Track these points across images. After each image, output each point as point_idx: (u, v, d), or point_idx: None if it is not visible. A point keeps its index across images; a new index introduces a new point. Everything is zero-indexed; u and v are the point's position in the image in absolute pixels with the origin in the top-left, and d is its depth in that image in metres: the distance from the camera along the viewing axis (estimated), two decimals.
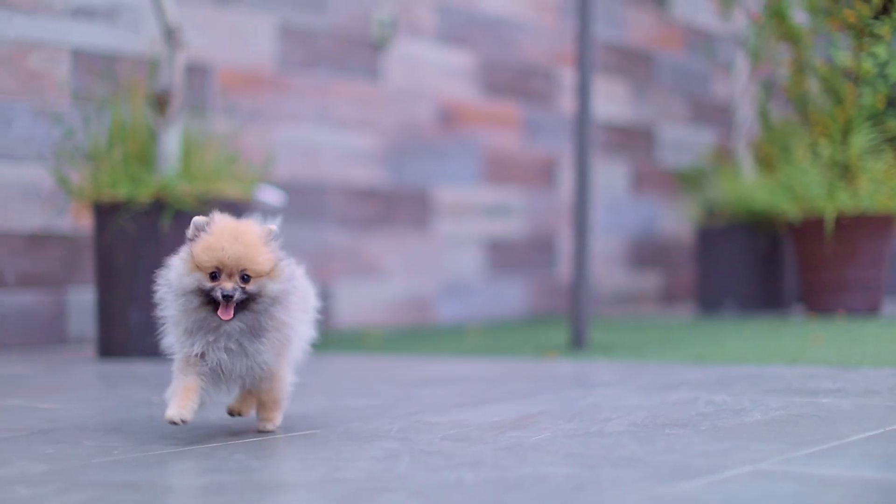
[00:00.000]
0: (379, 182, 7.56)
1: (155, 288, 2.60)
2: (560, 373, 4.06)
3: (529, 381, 3.74)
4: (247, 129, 6.52)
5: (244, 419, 2.85)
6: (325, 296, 7.16)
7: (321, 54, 7.29)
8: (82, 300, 6.04)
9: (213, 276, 2.45)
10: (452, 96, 8.10)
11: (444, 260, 7.99)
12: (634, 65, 9.68)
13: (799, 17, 7.58)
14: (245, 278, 2.46)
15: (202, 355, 2.50)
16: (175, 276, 2.50)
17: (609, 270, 9.31)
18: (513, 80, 8.57)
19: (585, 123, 5.31)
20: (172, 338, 2.57)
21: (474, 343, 5.73)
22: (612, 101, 9.38)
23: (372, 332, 6.78)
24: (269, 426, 2.69)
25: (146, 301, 3.89)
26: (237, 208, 5.26)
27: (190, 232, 2.50)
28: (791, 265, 7.83)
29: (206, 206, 5.00)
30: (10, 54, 5.92)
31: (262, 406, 2.69)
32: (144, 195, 5.10)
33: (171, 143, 5.30)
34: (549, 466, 2.07)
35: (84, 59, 6.16)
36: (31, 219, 5.92)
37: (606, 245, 9.27)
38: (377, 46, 7.61)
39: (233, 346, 2.50)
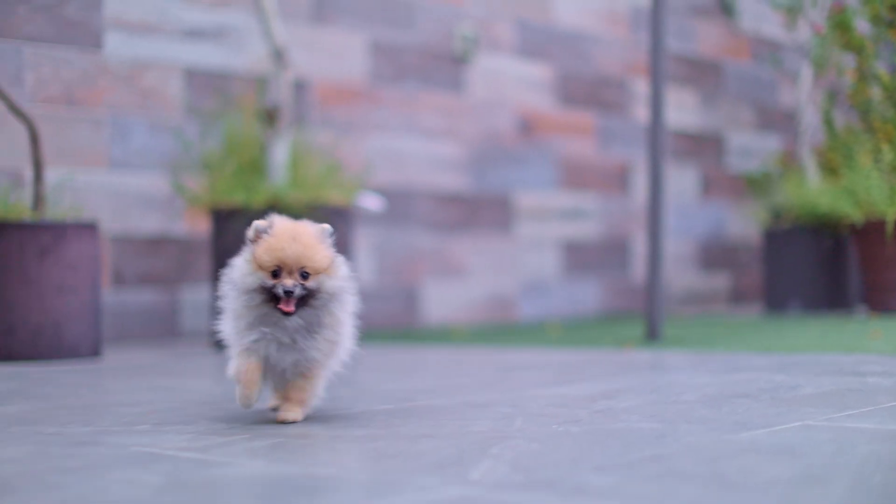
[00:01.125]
0: (463, 188, 8.05)
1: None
2: (638, 360, 4.52)
3: (611, 366, 4.21)
4: (343, 139, 7.04)
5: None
6: (413, 295, 7.67)
7: (409, 69, 7.79)
8: (195, 298, 6.58)
9: (275, 274, 2.58)
10: (531, 107, 8.57)
11: (523, 261, 8.46)
12: (704, 74, 10.09)
13: (862, 27, 7.89)
14: (304, 275, 2.59)
15: (256, 344, 2.64)
16: (239, 276, 2.64)
17: (680, 271, 9.73)
18: (588, 91, 9.02)
19: (658, 131, 5.64)
20: (229, 329, 2.72)
21: (555, 337, 6.20)
22: (682, 110, 9.79)
23: (458, 328, 7.26)
24: (291, 415, 2.73)
25: None
26: (342, 214, 5.79)
27: (251, 234, 2.66)
28: (854, 266, 8.12)
29: (314, 212, 5.52)
30: (128, 73, 6.47)
31: (288, 400, 2.75)
32: (258, 202, 5.62)
33: (281, 154, 5.82)
34: (636, 423, 2.54)
35: (195, 77, 6.70)
36: (149, 223, 6.47)
37: (677, 247, 9.68)
38: (460, 61, 8.10)
39: (286, 340, 2.64)
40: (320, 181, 5.80)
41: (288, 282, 2.56)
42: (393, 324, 7.55)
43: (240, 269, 2.65)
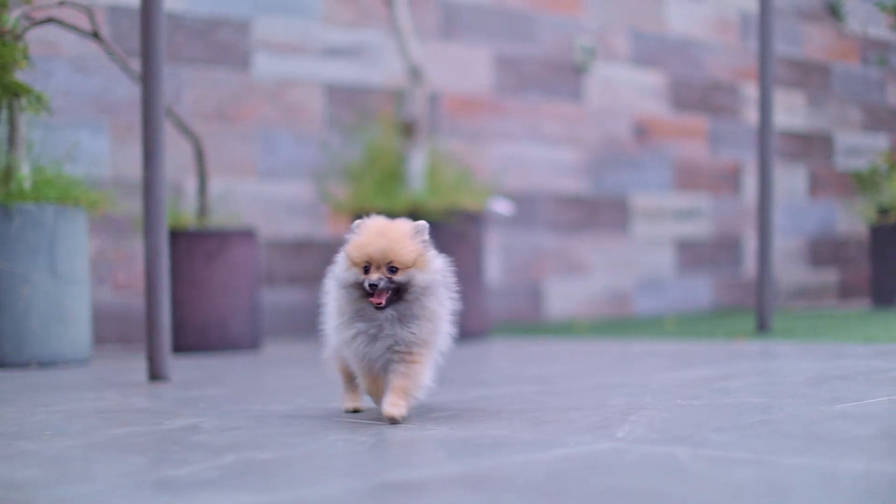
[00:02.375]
0: (583, 191, 8.54)
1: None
2: (748, 349, 4.98)
3: (724, 355, 4.68)
4: (471, 147, 7.58)
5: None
6: (537, 292, 8.18)
7: (531, 80, 8.30)
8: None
9: (367, 269, 2.65)
10: (646, 112, 9.03)
11: (640, 259, 8.93)
12: (812, 77, 10.45)
13: None
14: (392, 269, 2.64)
15: (354, 342, 2.72)
16: (339, 271, 2.73)
17: (790, 268, 10.10)
18: (700, 96, 9.45)
19: (766, 133, 5.94)
20: (331, 325, 2.84)
21: (671, 330, 6.66)
22: (791, 112, 10.16)
23: (579, 323, 7.75)
24: (395, 411, 2.70)
25: None
26: (476, 218, 6.31)
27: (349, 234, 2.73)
28: None
29: (451, 217, 6.05)
30: (274, 90, 7.06)
31: (392, 390, 2.73)
32: (399, 208, 6.16)
33: (418, 163, 6.36)
34: (747, 398, 3.02)
35: (335, 92, 7.28)
36: (296, 228, 7.05)
37: (787, 244, 10.05)
38: (579, 70, 8.59)
39: (372, 331, 2.70)
40: (454, 188, 6.33)
41: (373, 276, 2.62)
42: (519, 318, 8.07)
43: (340, 266, 2.73)
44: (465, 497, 1.77)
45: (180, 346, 5.74)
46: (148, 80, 4.29)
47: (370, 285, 2.61)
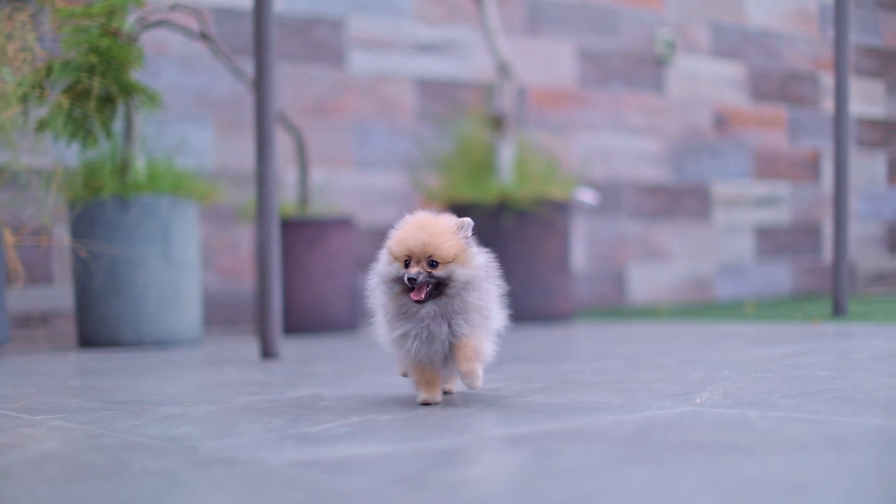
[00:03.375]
0: (665, 179, 8.80)
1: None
2: (823, 331, 5.24)
3: (799, 336, 4.95)
4: (557, 139, 7.87)
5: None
6: (620, 277, 8.46)
7: (614, 72, 8.58)
8: None
9: (407, 264, 2.64)
10: (726, 103, 9.26)
11: (720, 245, 9.17)
12: (891, 65, 10.61)
13: None
14: (433, 264, 2.62)
15: (404, 342, 2.71)
16: (381, 267, 2.72)
17: (868, 253, 10.29)
18: (779, 86, 9.66)
19: (842, 121, 6.12)
20: (381, 324, 2.80)
21: (750, 313, 6.92)
22: (871, 100, 10.34)
23: (661, 307, 8.03)
24: (477, 382, 2.70)
25: None
26: (563, 207, 6.61)
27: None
28: None
29: (539, 206, 6.36)
30: (369, 85, 7.40)
31: (464, 358, 2.70)
32: (489, 198, 6.47)
33: (507, 155, 6.67)
34: (816, 371, 3.30)
35: (427, 87, 7.60)
36: (390, 216, 7.39)
37: (866, 230, 10.24)
38: (660, 63, 8.85)
39: (434, 330, 2.68)
40: (542, 178, 6.63)
41: (412, 270, 2.61)
42: (603, 303, 8.36)
43: (382, 261, 2.73)
44: (564, 446, 2.08)
45: (285, 328, 6.11)
46: (260, 81, 4.63)
47: (409, 279, 2.60)
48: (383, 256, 2.73)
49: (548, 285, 6.53)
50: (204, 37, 5.68)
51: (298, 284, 6.11)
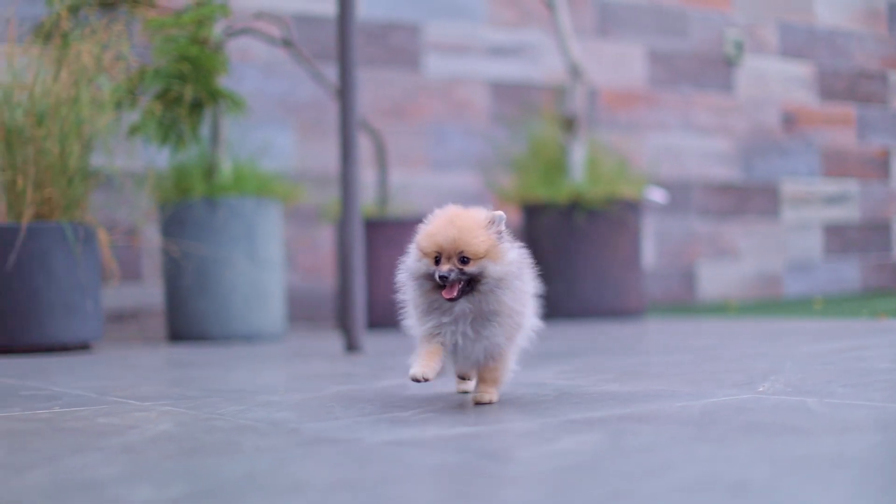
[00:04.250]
0: (733, 178, 8.95)
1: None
2: (888, 326, 5.39)
3: (863, 331, 5.10)
4: (627, 139, 8.05)
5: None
6: (690, 274, 8.63)
7: (683, 73, 8.74)
8: None
9: (437, 260, 2.55)
10: (794, 102, 9.39)
11: (789, 243, 9.30)
12: None
13: None
14: (464, 260, 2.52)
15: (439, 334, 2.63)
16: (411, 262, 2.63)
17: None
18: (847, 85, 9.77)
19: None
20: (412, 319, 2.72)
21: (817, 310, 7.06)
22: None
23: (730, 304, 8.18)
24: (486, 397, 2.74)
25: (564, 278, 5.51)
26: (633, 206, 6.79)
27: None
28: None
29: (610, 205, 6.54)
30: (443, 88, 7.62)
31: (483, 381, 2.75)
32: (561, 197, 6.66)
33: (579, 155, 6.86)
34: (875, 364, 3.47)
35: (500, 89, 7.81)
36: None
37: None
38: (729, 63, 9.00)
39: (469, 332, 2.61)
40: (613, 177, 6.81)
41: (444, 267, 2.52)
42: (672, 299, 8.52)
43: (411, 256, 2.64)
44: (636, 427, 2.28)
45: (372, 324, 6.34)
46: (344, 89, 4.86)
47: (440, 277, 2.52)
48: (412, 251, 2.64)
49: (619, 282, 6.72)
50: (287, 44, 5.92)
51: (378, 282, 6.34)
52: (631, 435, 2.18)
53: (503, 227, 2.59)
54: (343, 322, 4.83)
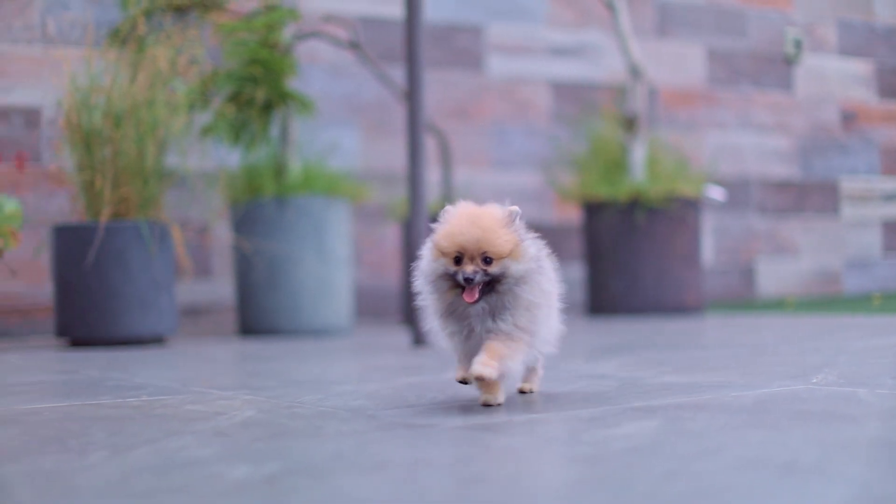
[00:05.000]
0: (792, 175, 9.04)
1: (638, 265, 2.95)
2: None
3: None
4: (686, 137, 8.17)
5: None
6: (748, 271, 8.72)
7: (742, 72, 8.84)
8: (564, 274, 7.83)
9: (457, 260, 2.46)
10: (853, 100, 9.46)
11: (847, 240, 9.37)
12: None
13: None
14: (487, 260, 2.45)
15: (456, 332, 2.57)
16: (425, 264, 2.55)
17: None
18: None
19: None
20: (433, 323, 2.64)
21: (875, 306, 7.15)
22: None
23: (788, 300, 8.27)
24: (484, 370, 2.49)
25: (625, 275, 5.64)
26: (693, 204, 6.90)
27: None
28: None
29: (670, 203, 6.67)
30: (506, 89, 7.77)
31: (485, 350, 2.53)
32: (622, 195, 6.79)
33: (639, 154, 6.98)
34: None
35: (561, 89, 7.95)
36: (524, 213, 7.74)
37: None
38: (789, 62, 9.08)
39: (488, 323, 2.53)
40: (673, 175, 6.93)
41: (468, 268, 2.45)
42: (731, 296, 8.63)
43: (426, 258, 2.56)
44: (693, 414, 2.43)
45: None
46: (412, 92, 5.02)
47: (465, 279, 2.45)
48: (427, 252, 2.56)
49: (678, 279, 6.84)
50: (355, 46, 6.09)
51: None
52: (688, 421, 2.33)
53: (520, 223, 2.54)
54: (410, 317, 4.99)
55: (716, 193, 7.25)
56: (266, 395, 3.12)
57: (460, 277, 2.44)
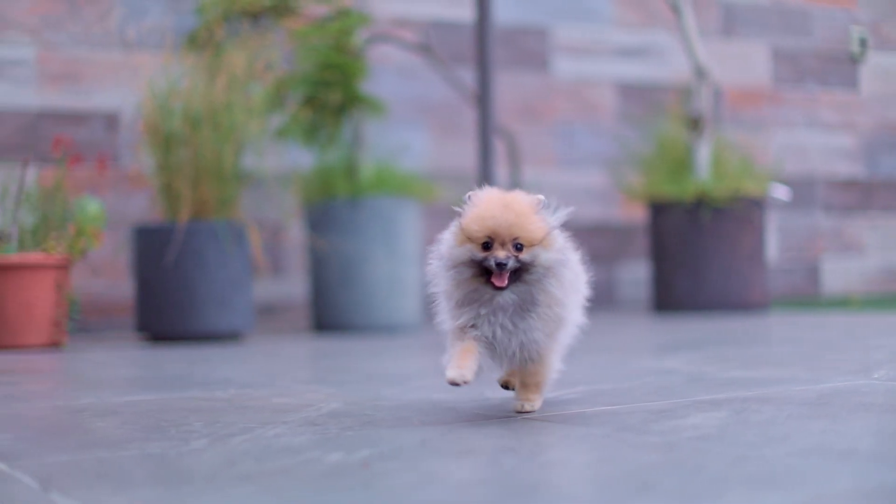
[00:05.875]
0: (858, 174, 9.09)
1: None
2: None
3: None
4: (752, 137, 8.26)
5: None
6: (813, 269, 8.79)
7: (807, 71, 8.91)
8: (630, 273, 7.95)
9: (486, 246, 2.35)
10: None
11: None
12: None
13: None
14: (518, 247, 2.35)
15: (473, 326, 2.42)
16: (446, 249, 2.43)
17: None
18: None
19: None
20: (444, 312, 2.53)
21: None
22: None
23: (854, 298, 8.34)
24: (528, 406, 2.56)
25: (690, 273, 5.75)
26: (758, 203, 6.99)
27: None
28: None
29: (735, 202, 6.76)
30: (572, 89, 7.89)
31: (524, 387, 2.57)
32: (688, 195, 6.89)
33: (704, 154, 7.08)
34: None
35: (627, 90, 8.06)
36: (591, 212, 7.87)
37: None
38: (854, 60, 9.13)
39: (508, 324, 2.40)
40: (738, 175, 7.02)
41: (500, 253, 2.33)
42: (796, 293, 8.70)
43: (447, 243, 2.44)
44: (758, 406, 2.55)
45: None
46: (483, 95, 5.16)
47: (498, 264, 2.33)
48: (448, 238, 2.44)
49: (743, 277, 6.93)
50: (426, 49, 6.23)
51: None
52: (753, 413, 2.45)
53: (547, 212, 2.42)
54: None
55: (781, 192, 7.33)
56: (348, 388, 3.27)
57: (492, 263, 2.33)
